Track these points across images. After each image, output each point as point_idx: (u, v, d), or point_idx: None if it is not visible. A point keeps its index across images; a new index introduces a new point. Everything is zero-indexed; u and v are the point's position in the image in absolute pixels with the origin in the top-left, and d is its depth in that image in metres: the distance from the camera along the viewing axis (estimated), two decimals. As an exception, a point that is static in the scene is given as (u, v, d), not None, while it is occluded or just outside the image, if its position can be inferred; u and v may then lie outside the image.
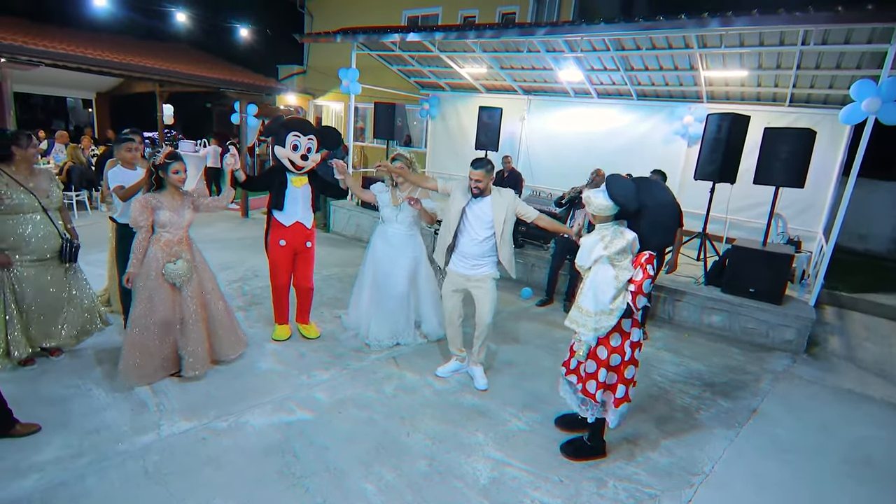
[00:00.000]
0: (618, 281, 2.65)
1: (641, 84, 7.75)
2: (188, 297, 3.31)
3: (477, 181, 3.39)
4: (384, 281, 4.07)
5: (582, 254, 2.78)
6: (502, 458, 2.90)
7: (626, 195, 2.64)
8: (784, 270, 5.11)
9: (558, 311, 5.61)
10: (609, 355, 2.74)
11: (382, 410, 3.29)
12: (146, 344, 3.22)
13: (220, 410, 3.10)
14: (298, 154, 3.77)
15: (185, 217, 3.30)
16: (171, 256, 3.23)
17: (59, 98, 17.74)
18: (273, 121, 3.89)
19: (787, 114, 6.94)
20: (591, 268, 2.73)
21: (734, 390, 4.08)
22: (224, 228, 8.16)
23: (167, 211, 3.19)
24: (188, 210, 3.33)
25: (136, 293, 3.19)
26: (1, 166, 3.13)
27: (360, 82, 8.35)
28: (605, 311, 2.67)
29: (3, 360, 3.19)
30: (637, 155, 7.83)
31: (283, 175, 3.87)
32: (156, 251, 3.20)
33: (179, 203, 3.28)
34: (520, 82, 8.99)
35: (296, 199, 3.88)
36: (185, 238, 3.38)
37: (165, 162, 3.18)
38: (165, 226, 3.21)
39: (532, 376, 3.96)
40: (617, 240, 2.66)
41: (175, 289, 3.27)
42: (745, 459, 3.14)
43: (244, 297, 5.09)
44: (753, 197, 6.93)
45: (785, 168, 5.17)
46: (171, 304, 3.26)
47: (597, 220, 2.76)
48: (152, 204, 3.17)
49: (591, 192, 2.68)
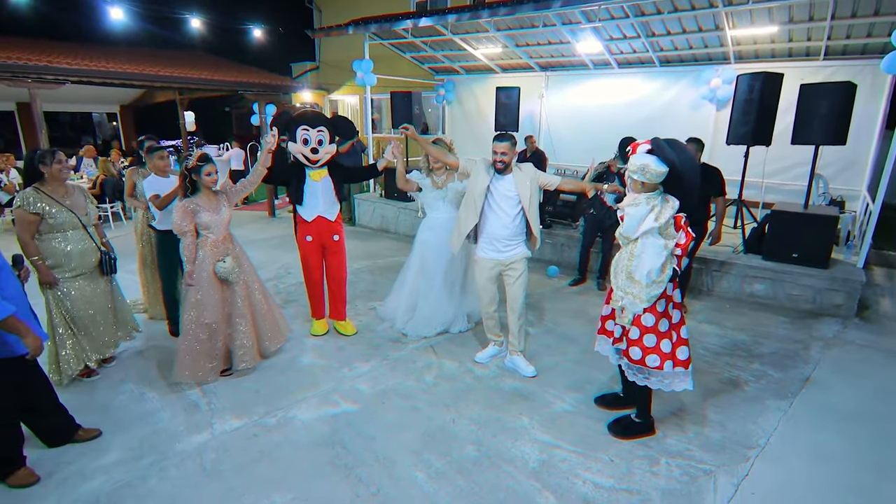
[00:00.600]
0: (667, 249, 2.59)
1: (664, 50, 7.46)
2: (237, 294, 3.41)
3: (502, 154, 3.32)
4: (436, 273, 4.06)
5: (629, 225, 2.64)
6: (550, 441, 2.89)
7: (681, 159, 2.54)
8: (829, 233, 4.90)
9: (592, 289, 5.53)
10: (657, 321, 2.67)
11: (425, 399, 3.31)
12: (200, 345, 3.32)
13: (268, 407, 3.17)
14: (309, 148, 3.74)
15: (224, 215, 3.38)
16: (219, 255, 3.33)
17: (84, 114, 18.23)
18: (279, 115, 3.85)
19: (823, 68, 6.58)
20: (637, 239, 2.64)
21: (783, 359, 3.95)
22: (253, 229, 8.31)
23: (207, 212, 3.28)
24: (225, 207, 3.41)
25: (187, 297, 3.29)
26: (37, 186, 3.19)
27: (373, 73, 8.31)
28: (657, 281, 2.60)
29: (55, 377, 3.26)
30: (664, 123, 7.58)
31: (300, 170, 3.85)
32: (204, 254, 3.29)
33: (216, 203, 3.36)
34: (536, 59, 8.79)
35: (315, 192, 3.85)
36: (230, 236, 3.48)
37: (197, 165, 3.25)
38: (209, 227, 3.30)
39: (572, 357, 3.91)
40: (665, 209, 2.57)
41: (224, 288, 3.36)
42: (800, 431, 3.04)
43: (279, 296, 5.17)
44: (789, 158, 6.65)
45: (825, 125, 4.91)
46: (221, 304, 3.36)
47: (645, 188, 2.62)
48: (191, 208, 3.24)
49: (643, 158, 2.55)
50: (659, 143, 2.58)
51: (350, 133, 4.08)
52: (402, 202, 7.91)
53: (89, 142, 14.18)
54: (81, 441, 2.81)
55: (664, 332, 2.70)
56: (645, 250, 2.59)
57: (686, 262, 2.57)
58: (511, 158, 3.37)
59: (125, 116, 14.32)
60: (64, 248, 3.22)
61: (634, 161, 2.59)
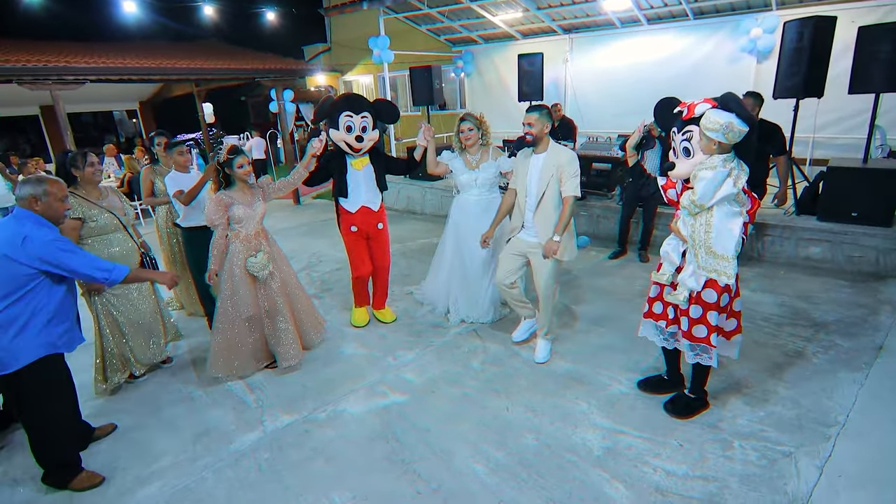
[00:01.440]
0: (744, 216, 2.38)
1: (699, 0, 6.97)
2: (274, 291, 3.33)
3: (528, 125, 3.13)
4: (471, 257, 3.85)
5: (706, 191, 2.34)
6: (612, 426, 2.75)
7: (750, 116, 2.30)
8: (892, 187, 4.54)
9: (633, 262, 5.30)
10: (719, 296, 2.47)
11: (475, 385, 3.20)
12: (233, 339, 3.27)
13: (316, 401, 3.11)
14: (353, 135, 3.54)
15: (258, 210, 3.28)
16: (251, 250, 3.24)
17: (105, 113, 18.44)
18: (322, 103, 3.65)
19: (876, 8, 6.05)
20: (712, 207, 2.39)
21: (850, 327, 3.70)
22: (279, 218, 8.28)
23: (241, 206, 3.19)
24: (260, 202, 3.31)
25: (221, 291, 3.22)
26: (72, 190, 3.12)
27: (389, 49, 8.05)
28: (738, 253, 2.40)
29: (101, 385, 3.25)
30: (699, 80, 7.16)
31: (341, 159, 3.67)
32: (236, 247, 3.21)
33: (250, 196, 3.26)
34: (559, 21, 8.36)
35: (358, 182, 3.70)
36: (262, 231, 3.38)
37: (229, 158, 3.15)
38: (241, 221, 3.21)
39: (621, 333, 3.74)
40: (741, 173, 2.34)
41: (258, 282, 3.28)
42: (882, 404, 2.82)
43: (314, 285, 5.11)
44: (841, 110, 6.20)
45: (886, 71, 4.49)
46: (255, 299, 3.28)
47: (721, 148, 2.35)
48: (226, 201, 3.16)
49: (725, 116, 2.26)
50: (729, 100, 2.33)
51: (393, 117, 3.84)
52: (428, 181, 7.73)
53: (112, 140, 14.35)
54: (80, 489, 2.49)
55: (724, 306, 2.51)
56: (724, 219, 2.36)
57: (751, 229, 2.35)
58: (540, 130, 3.13)
59: (145, 112, 14.39)
60: (108, 251, 3.16)
61: (713, 119, 2.31)
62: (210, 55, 9.98)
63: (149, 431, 2.94)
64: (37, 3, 8.94)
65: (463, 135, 3.70)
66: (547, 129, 3.17)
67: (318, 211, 8.74)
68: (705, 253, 2.43)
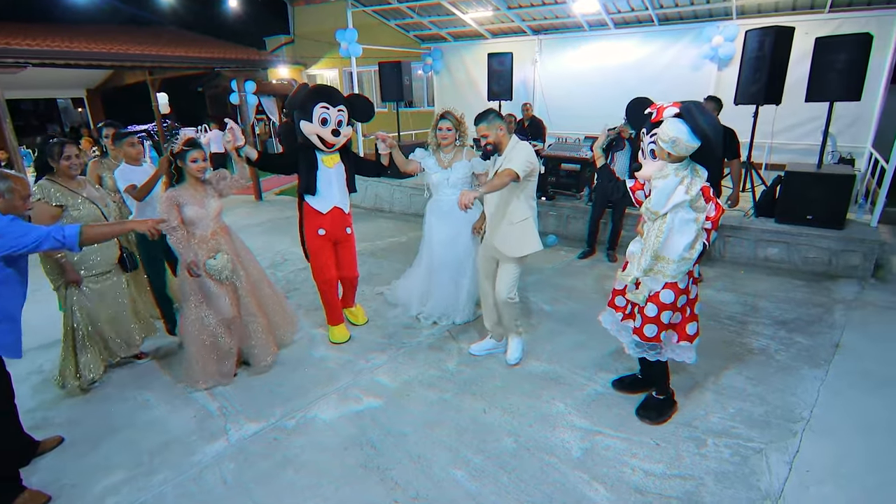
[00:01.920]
0: (697, 223, 2.42)
1: (664, 7, 7.15)
2: (242, 291, 3.16)
3: (483, 137, 2.99)
4: (443, 258, 3.77)
5: (658, 199, 2.44)
6: (589, 427, 2.74)
7: (711, 127, 2.32)
8: (845, 193, 4.77)
9: (602, 261, 5.37)
10: (676, 297, 2.51)
11: (451, 388, 3.13)
12: (209, 349, 3.08)
13: (285, 407, 2.96)
14: (329, 129, 3.29)
15: (211, 208, 3.04)
16: (210, 251, 3.02)
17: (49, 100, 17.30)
18: (297, 91, 3.40)
19: (829, 21, 6.37)
20: (666, 214, 2.45)
21: (808, 325, 3.85)
22: (241, 214, 7.96)
23: (192, 206, 2.94)
24: (213, 199, 3.07)
25: (186, 294, 3.02)
26: (49, 178, 2.94)
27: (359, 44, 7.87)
28: (686, 258, 2.43)
29: (73, 382, 3.07)
30: (663, 85, 7.36)
31: (311, 154, 3.39)
32: (193, 248, 2.98)
33: (202, 194, 3.02)
34: (528, 22, 8.40)
35: (329, 180, 3.42)
36: (221, 228, 3.15)
37: (183, 150, 2.91)
38: (193, 222, 2.97)
39: (595, 334, 3.73)
40: (696, 180, 2.38)
41: (224, 284, 3.07)
42: (843, 400, 2.94)
43: (279, 285, 4.90)
44: (796, 116, 6.50)
45: (841, 80, 4.73)
46: (225, 301, 3.08)
47: (671, 158, 2.43)
48: (176, 200, 2.90)
49: (674, 129, 2.33)
50: (690, 110, 2.35)
51: (368, 115, 3.62)
52: (395, 179, 7.60)
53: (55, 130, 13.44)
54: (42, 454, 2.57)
55: (681, 307, 2.56)
56: (675, 226, 2.41)
57: (715, 236, 2.40)
58: (495, 136, 2.98)
59: (93, 101, 13.52)
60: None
61: (665, 131, 2.36)
62: (166, 42, 9.48)
63: (100, 443, 2.71)
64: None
65: (440, 133, 3.61)
66: (502, 129, 3.01)
67: (281, 207, 8.45)
68: (651, 256, 2.47)
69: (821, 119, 5.27)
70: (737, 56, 6.26)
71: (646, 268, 2.50)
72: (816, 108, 5.61)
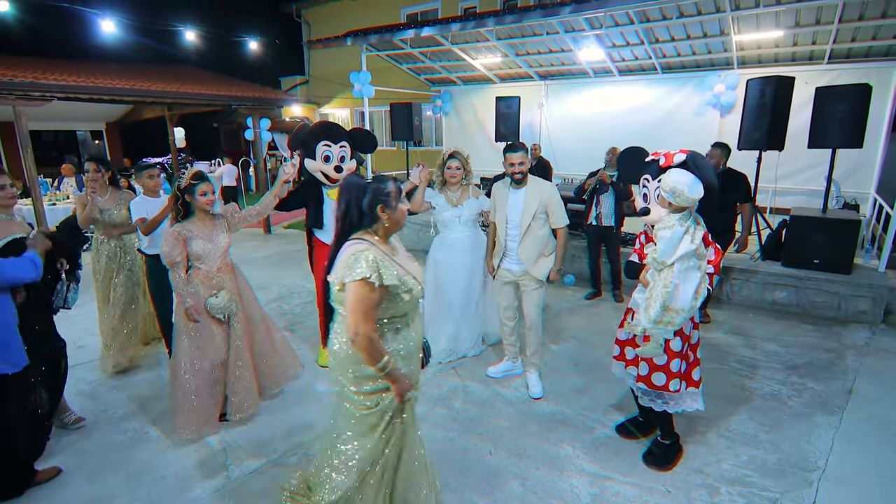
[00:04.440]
0: (701, 270, 2.42)
1: (667, 56, 7.41)
2: (235, 332, 3.00)
3: (520, 164, 3.24)
4: (453, 296, 3.81)
5: (665, 249, 2.41)
6: (598, 472, 2.67)
7: (711, 178, 2.37)
8: (851, 237, 4.79)
9: (608, 301, 5.35)
10: (683, 345, 2.51)
11: (457, 428, 3.07)
12: (199, 393, 2.90)
13: (287, 443, 2.90)
14: (331, 165, 3.44)
15: (220, 243, 2.97)
16: (213, 289, 2.92)
17: (68, 132, 17.81)
18: (299, 130, 3.52)
19: (827, 72, 6.56)
20: (673, 264, 2.41)
21: (820, 371, 3.79)
22: (250, 247, 8.03)
23: (200, 240, 2.87)
24: (223, 234, 2.99)
25: (179, 334, 2.90)
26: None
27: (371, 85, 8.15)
28: (693, 306, 2.42)
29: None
30: (667, 130, 7.52)
31: (317, 189, 3.52)
32: (195, 286, 2.89)
33: (211, 228, 2.94)
34: (535, 68, 8.70)
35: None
36: (227, 266, 3.06)
37: (191, 183, 2.83)
38: (201, 257, 2.88)
39: (603, 376, 3.69)
40: (698, 229, 2.41)
41: (222, 324, 2.97)
42: (859, 448, 2.86)
43: (285, 318, 4.90)
44: (799, 161, 6.60)
45: (842, 128, 4.83)
46: (219, 343, 2.95)
47: (672, 207, 2.43)
48: (184, 235, 2.83)
49: (677, 181, 2.36)
50: (695, 160, 2.41)
51: (370, 147, 3.77)
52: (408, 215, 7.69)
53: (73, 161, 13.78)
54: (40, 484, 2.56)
55: (683, 353, 2.54)
56: (682, 277, 2.38)
57: (717, 279, 2.41)
58: (527, 167, 3.29)
59: (111, 134, 13.97)
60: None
61: (668, 181, 2.39)
62: (185, 79, 9.86)
63: (96, 476, 2.65)
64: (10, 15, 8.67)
65: (449, 171, 3.70)
66: (528, 165, 3.32)
67: (289, 241, 8.54)
68: (660, 307, 2.39)
69: (823, 165, 5.36)
70: (738, 103, 6.43)
71: (655, 319, 2.43)
72: (819, 155, 5.71)
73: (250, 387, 3.07)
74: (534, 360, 3.51)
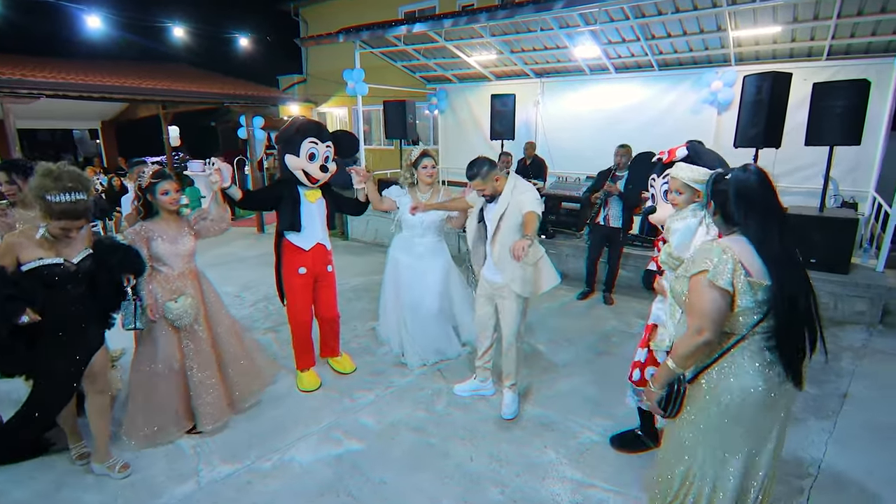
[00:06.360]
0: None
1: (663, 53, 7.30)
2: (199, 340, 2.88)
3: (480, 190, 2.91)
4: (415, 301, 3.66)
5: (681, 242, 2.22)
6: (582, 479, 2.57)
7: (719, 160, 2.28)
8: (849, 236, 4.69)
9: (600, 301, 5.26)
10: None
11: (438, 432, 2.98)
12: (154, 400, 2.79)
13: (262, 448, 2.82)
14: (316, 164, 3.20)
15: (183, 246, 2.83)
16: (173, 293, 2.78)
17: (65, 131, 17.78)
18: (287, 127, 3.35)
19: (826, 68, 6.44)
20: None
21: (814, 373, 3.68)
22: (242, 246, 7.94)
23: (162, 241, 2.75)
24: (188, 237, 2.86)
25: (139, 341, 2.81)
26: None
27: (364, 82, 8.06)
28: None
29: None
30: (664, 128, 7.41)
31: (293, 189, 3.27)
32: (154, 289, 2.75)
33: (176, 230, 2.81)
34: (531, 65, 8.59)
35: (312, 216, 3.30)
36: (190, 271, 2.91)
37: (151, 182, 2.71)
38: (161, 258, 2.77)
39: (591, 378, 3.62)
40: (710, 223, 2.26)
41: (180, 331, 2.83)
42: (852, 454, 2.76)
43: (271, 318, 4.82)
44: (797, 160, 6.49)
45: (840, 125, 4.73)
46: (178, 350, 2.83)
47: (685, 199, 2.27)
48: (144, 235, 2.71)
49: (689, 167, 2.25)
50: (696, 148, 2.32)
51: (352, 150, 3.59)
52: (397, 215, 7.61)
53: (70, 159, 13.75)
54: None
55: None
56: None
57: None
58: (492, 187, 2.88)
59: (107, 132, 13.88)
60: None
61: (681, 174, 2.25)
62: (179, 77, 9.79)
63: (65, 479, 2.57)
64: (-2, 14, 8.61)
65: (425, 171, 3.56)
66: (497, 178, 2.90)
67: (282, 240, 8.44)
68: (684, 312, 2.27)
69: (821, 163, 5.25)
70: (735, 101, 6.31)
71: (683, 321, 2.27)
72: (817, 153, 5.60)
73: (218, 398, 2.94)
74: (508, 382, 3.17)
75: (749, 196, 1.68)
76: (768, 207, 1.68)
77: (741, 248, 1.65)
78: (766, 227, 1.66)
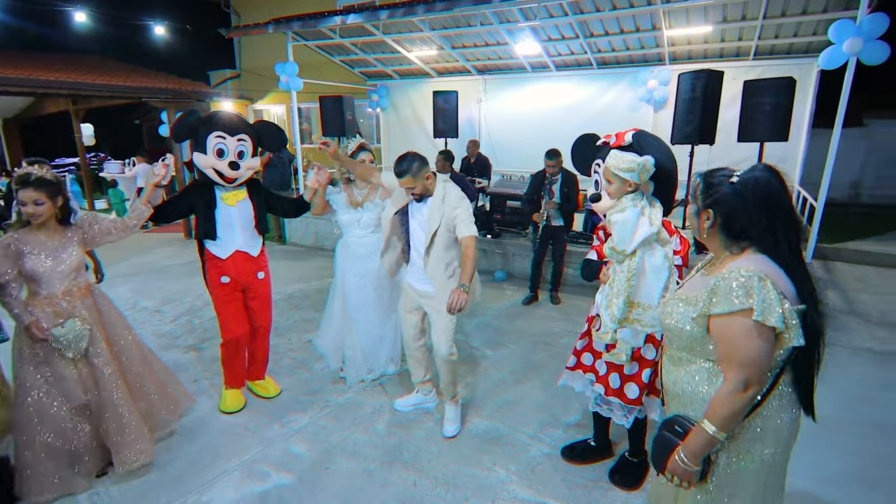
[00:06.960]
0: (668, 259, 2.09)
1: (601, 51, 7.37)
2: (99, 370, 2.43)
3: (410, 189, 2.65)
4: (357, 306, 3.36)
5: (622, 235, 2.09)
6: (533, 498, 2.40)
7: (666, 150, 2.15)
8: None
9: (547, 304, 5.16)
10: (657, 351, 2.25)
11: (378, 456, 2.71)
12: (48, 443, 2.34)
13: (174, 491, 2.44)
14: (225, 161, 2.79)
15: (68, 261, 2.36)
16: (59, 317, 2.33)
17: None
18: (184, 117, 2.87)
19: (753, 67, 6.72)
20: (635, 251, 2.09)
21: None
22: (166, 254, 7.27)
23: (37, 256, 2.27)
24: (73, 247, 2.38)
25: (21, 372, 2.34)
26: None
27: (301, 78, 7.62)
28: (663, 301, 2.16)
29: None
30: (604, 126, 7.40)
31: (209, 191, 2.89)
32: (35, 312, 2.30)
33: (58, 241, 2.35)
34: (473, 62, 8.47)
35: (230, 221, 2.93)
36: (79, 288, 2.45)
37: (14, 189, 2.23)
38: (35, 278, 2.29)
39: (539, 382, 3.47)
40: (655, 210, 2.10)
41: (77, 362, 2.39)
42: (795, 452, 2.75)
43: (194, 334, 4.36)
44: (730, 156, 6.68)
45: (769, 121, 4.89)
46: (75, 381, 2.39)
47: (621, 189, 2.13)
48: (13, 247, 2.24)
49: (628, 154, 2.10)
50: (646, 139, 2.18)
51: (278, 143, 3.19)
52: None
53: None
54: None
55: (653, 360, 2.30)
56: (647, 265, 2.11)
57: (686, 272, 2.12)
58: (423, 187, 2.64)
59: (10, 131, 12.48)
60: None
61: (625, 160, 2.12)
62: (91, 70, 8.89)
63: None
64: None
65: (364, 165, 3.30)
66: (430, 177, 2.66)
67: (213, 246, 7.84)
68: (623, 303, 2.10)
69: (753, 159, 5.41)
70: (671, 99, 6.46)
71: (620, 317, 2.12)
72: (749, 149, 5.78)
73: (139, 432, 2.50)
74: (449, 395, 2.94)
75: (777, 204, 1.38)
76: (794, 217, 1.41)
77: (769, 268, 1.36)
78: (793, 241, 1.39)
